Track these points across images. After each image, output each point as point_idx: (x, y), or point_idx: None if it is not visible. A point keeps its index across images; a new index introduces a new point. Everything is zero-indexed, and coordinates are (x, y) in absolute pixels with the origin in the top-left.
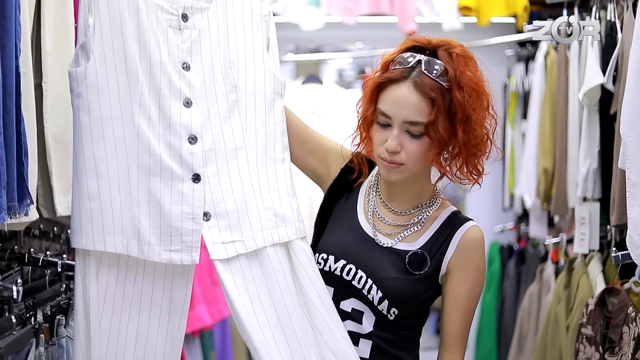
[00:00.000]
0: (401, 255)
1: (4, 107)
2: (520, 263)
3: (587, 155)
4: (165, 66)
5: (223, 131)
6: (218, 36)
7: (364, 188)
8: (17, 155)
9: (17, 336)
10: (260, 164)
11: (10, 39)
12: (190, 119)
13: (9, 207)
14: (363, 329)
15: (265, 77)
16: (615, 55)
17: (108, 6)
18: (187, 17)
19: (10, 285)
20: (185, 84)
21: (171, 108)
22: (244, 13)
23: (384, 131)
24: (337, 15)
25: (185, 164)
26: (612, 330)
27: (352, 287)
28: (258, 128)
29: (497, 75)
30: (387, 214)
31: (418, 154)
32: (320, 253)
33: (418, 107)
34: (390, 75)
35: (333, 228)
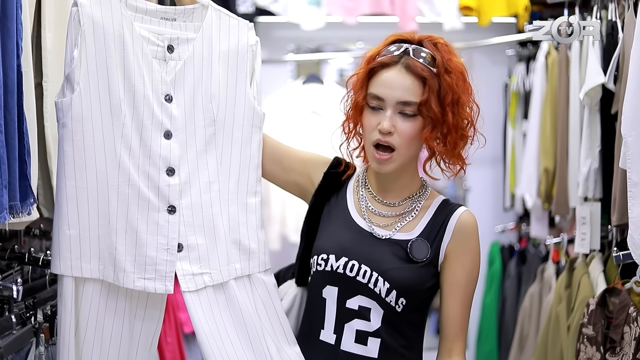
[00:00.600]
0: (402, 245)
1: (6, 106)
2: (521, 263)
3: (588, 155)
4: (149, 98)
5: (199, 164)
6: (202, 68)
7: (351, 187)
8: (20, 154)
9: (17, 335)
10: (232, 198)
11: (11, 37)
12: (169, 151)
13: (11, 206)
14: (371, 325)
15: (245, 111)
16: (616, 54)
17: (94, 39)
18: (172, 49)
19: (11, 285)
20: (166, 116)
21: (152, 139)
22: (230, 43)
23: (375, 115)
24: (337, 15)
25: (162, 195)
26: (613, 330)
27: (357, 283)
28: (233, 162)
29: (498, 75)
30: (380, 206)
31: (410, 136)
32: (319, 254)
33: (410, 87)
34: (382, 60)
35: (327, 229)
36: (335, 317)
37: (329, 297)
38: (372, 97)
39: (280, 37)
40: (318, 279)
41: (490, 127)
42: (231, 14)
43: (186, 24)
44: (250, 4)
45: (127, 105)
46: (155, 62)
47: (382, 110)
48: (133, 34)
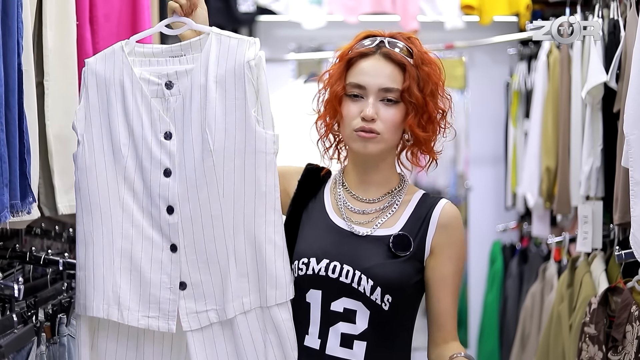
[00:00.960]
0: (383, 241)
1: (7, 105)
2: (522, 262)
3: (590, 153)
4: (147, 139)
5: (199, 200)
6: (199, 97)
7: (327, 190)
8: (20, 153)
9: (19, 335)
10: (238, 230)
11: (12, 36)
12: (168, 189)
13: (11, 205)
14: (357, 328)
15: (246, 136)
16: (618, 53)
17: (97, 91)
18: (171, 85)
19: (12, 284)
20: (165, 154)
21: (152, 179)
22: (227, 65)
23: (356, 104)
24: (339, 14)
25: (164, 233)
26: (615, 329)
27: (340, 284)
28: (236, 192)
29: (500, 74)
30: (360, 204)
31: (393, 122)
32: (300, 259)
33: (391, 75)
34: (360, 50)
35: (306, 233)
36: (319, 321)
37: (312, 301)
38: (352, 86)
39: (281, 36)
40: (300, 284)
41: (491, 126)
42: (233, 34)
43: (192, 56)
44: (251, 3)
45: (127, 148)
46: (155, 101)
47: (362, 99)
48: (132, 79)
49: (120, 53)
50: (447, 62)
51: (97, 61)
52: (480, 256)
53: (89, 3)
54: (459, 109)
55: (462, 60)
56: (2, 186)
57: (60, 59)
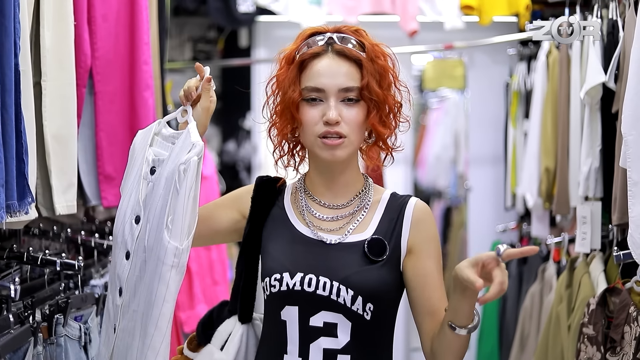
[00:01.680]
0: (357, 247)
1: (3, 105)
2: (522, 263)
3: (589, 154)
4: (126, 218)
5: (135, 290)
6: (158, 189)
7: (287, 200)
8: (17, 153)
9: (15, 335)
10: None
11: (9, 36)
12: (123, 271)
13: (8, 205)
14: (339, 342)
15: (161, 241)
16: (617, 53)
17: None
18: (154, 170)
19: (9, 284)
20: (130, 237)
21: (117, 258)
22: (173, 163)
23: (316, 108)
24: (338, 14)
25: (113, 313)
26: (614, 330)
27: (318, 297)
28: (141, 295)
29: (499, 75)
30: (327, 211)
31: (357, 121)
32: (271, 275)
33: (349, 72)
34: (311, 51)
35: (273, 248)
36: (298, 339)
37: (289, 319)
38: (309, 90)
39: (280, 36)
40: (274, 302)
41: (491, 126)
42: (194, 132)
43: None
44: (250, 3)
45: (116, 222)
46: (142, 183)
47: (322, 102)
48: (143, 157)
49: (151, 130)
50: (447, 62)
51: (140, 135)
52: None
53: (87, 3)
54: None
55: (461, 61)
56: None
57: (57, 59)
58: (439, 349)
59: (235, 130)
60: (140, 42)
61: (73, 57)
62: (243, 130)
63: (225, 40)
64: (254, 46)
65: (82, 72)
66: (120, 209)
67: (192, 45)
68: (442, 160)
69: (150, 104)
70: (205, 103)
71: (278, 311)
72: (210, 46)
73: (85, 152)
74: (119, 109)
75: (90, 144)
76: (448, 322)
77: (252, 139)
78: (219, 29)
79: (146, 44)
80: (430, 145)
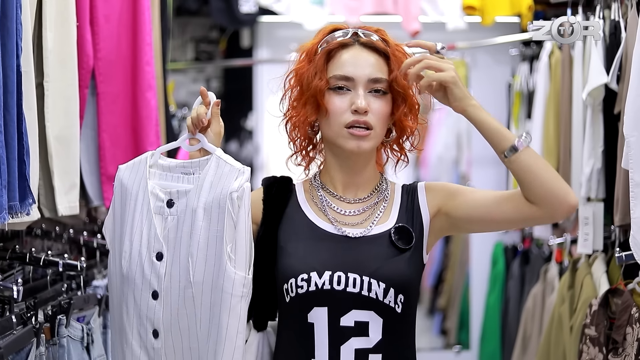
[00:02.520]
0: (383, 238)
1: (5, 106)
2: (524, 263)
3: (591, 155)
4: (142, 256)
5: (180, 329)
6: (190, 222)
7: (302, 198)
8: (19, 154)
9: (18, 336)
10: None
11: (11, 38)
12: (154, 312)
13: (10, 207)
14: (371, 341)
15: (218, 273)
16: (619, 54)
17: (121, 200)
18: (172, 203)
19: (11, 285)
20: (154, 275)
21: (142, 300)
22: (216, 193)
23: (343, 97)
24: (340, 14)
25: (150, 356)
26: (616, 331)
27: (348, 295)
28: (211, 330)
29: (502, 75)
30: (348, 205)
31: (384, 114)
32: (297, 276)
33: (376, 64)
34: (339, 41)
35: (294, 247)
36: (328, 341)
37: (317, 321)
38: (337, 79)
39: (283, 36)
40: (300, 304)
41: None
42: (231, 160)
43: (198, 176)
44: (253, 4)
45: (127, 263)
46: (156, 218)
47: (349, 92)
48: (145, 192)
49: (144, 163)
50: None
51: (125, 169)
52: (482, 257)
53: (89, 4)
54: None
55: (463, 61)
56: (1, 188)
57: (60, 60)
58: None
59: (238, 130)
60: (143, 43)
61: (75, 58)
62: (245, 130)
63: (227, 41)
64: (256, 46)
65: (84, 73)
66: (128, 250)
67: (194, 45)
68: (444, 160)
69: (152, 104)
70: (217, 128)
71: (305, 314)
72: (213, 46)
73: (87, 153)
74: (121, 109)
75: (92, 144)
76: (501, 155)
77: (255, 140)
78: (221, 29)
79: (148, 45)
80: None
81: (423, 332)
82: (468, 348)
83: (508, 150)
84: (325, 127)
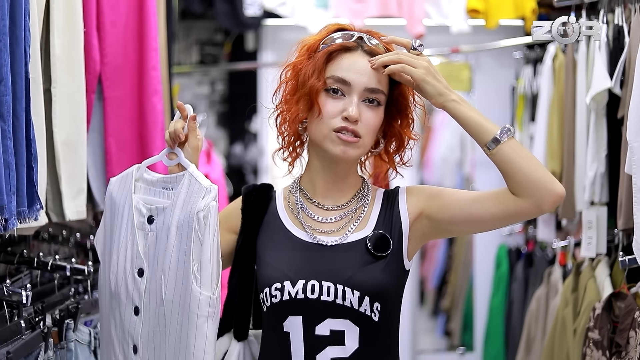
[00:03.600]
0: (359, 245)
1: (14, 113)
2: (528, 266)
3: (595, 159)
4: (126, 271)
5: (155, 345)
6: (165, 240)
7: (280, 206)
8: (27, 160)
9: (26, 340)
10: None
11: (19, 45)
12: (134, 328)
13: (19, 212)
14: (347, 350)
15: (186, 293)
16: (623, 59)
17: (110, 214)
18: (152, 220)
19: (20, 290)
20: (136, 291)
21: (125, 314)
22: (186, 211)
23: (337, 101)
24: (345, 17)
25: None
26: (619, 335)
27: (322, 304)
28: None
29: (506, 78)
30: (325, 212)
31: (374, 125)
32: (271, 285)
33: (375, 74)
34: (342, 44)
35: (270, 256)
36: (304, 350)
37: (292, 330)
38: (335, 80)
39: (287, 39)
40: (275, 313)
41: None
42: (202, 177)
43: (174, 192)
44: (257, 7)
45: (114, 277)
46: (139, 233)
47: (343, 97)
48: (130, 207)
49: (130, 177)
50: (453, 65)
51: (115, 182)
52: (486, 260)
53: (96, 10)
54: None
55: (467, 64)
56: (9, 194)
57: (67, 66)
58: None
59: (242, 133)
60: (149, 48)
61: (83, 64)
62: (250, 133)
63: (232, 44)
64: (260, 49)
65: (91, 78)
66: (115, 264)
67: (199, 48)
68: (448, 162)
69: (159, 109)
70: (194, 142)
71: (280, 323)
72: (217, 49)
73: (94, 157)
74: (127, 114)
75: (99, 149)
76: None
77: (259, 142)
78: (226, 32)
79: (154, 50)
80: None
81: (427, 333)
82: (472, 350)
83: (490, 142)
84: (313, 128)
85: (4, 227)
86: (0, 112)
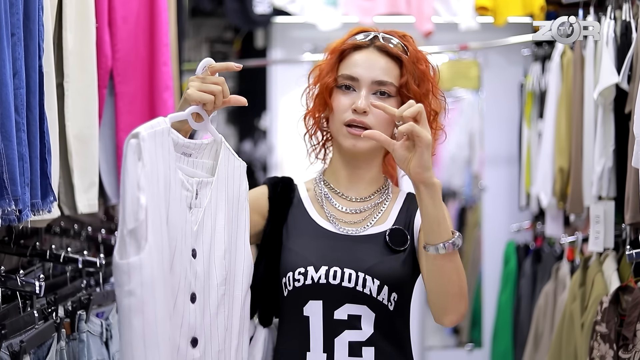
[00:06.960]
0: (378, 238)
1: (28, 107)
2: (536, 262)
3: (602, 154)
4: (182, 254)
5: (212, 331)
6: (216, 217)
7: (305, 196)
8: (41, 153)
9: (39, 330)
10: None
11: (33, 39)
12: (194, 317)
13: (32, 204)
14: (363, 334)
15: (244, 268)
16: (630, 54)
17: (150, 182)
18: (197, 195)
19: (33, 281)
20: (192, 275)
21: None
22: (229, 188)
23: (348, 96)
24: (354, 15)
25: None
26: (626, 328)
27: (343, 290)
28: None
29: (514, 75)
30: (349, 203)
31: (385, 116)
32: (295, 269)
33: (385, 67)
34: (354, 42)
35: (294, 243)
36: (322, 334)
37: (312, 314)
38: (344, 78)
39: (297, 37)
40: (297, 297)
41: (506, 126)
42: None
43: (203, 162)
44: (267, 5)
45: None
46: (187, 211)
47: (354, 91)
48: (176, 178)
49: (166, 136)
50: (462, 63)
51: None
52: (494, 256)
53: (108, 6)
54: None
55: (476, 61)
56: (23, 185)
57: (79, 60)
58: (426, 284)
59: (252, 130)
60: (160, 44)
61: (95, 59)
62: (259, 130)
63: (241, 41)
64: (270, 47)
65: (103, 74)
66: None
67: (209, 46)
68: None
69: (169, 104)
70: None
71: (301, 307)
72: (227, 47)
73: (105, 152)
74: (138, 109)
75: (110, 143)
76: (425, 245)
77: (268, 139)
78: (236, 30)
79: (165, 46)
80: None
81: (435, 330)
82: (480, 346)
83: (434, 246)
84: (330, 124)
85: (18, 219)
86: (15, 105)
